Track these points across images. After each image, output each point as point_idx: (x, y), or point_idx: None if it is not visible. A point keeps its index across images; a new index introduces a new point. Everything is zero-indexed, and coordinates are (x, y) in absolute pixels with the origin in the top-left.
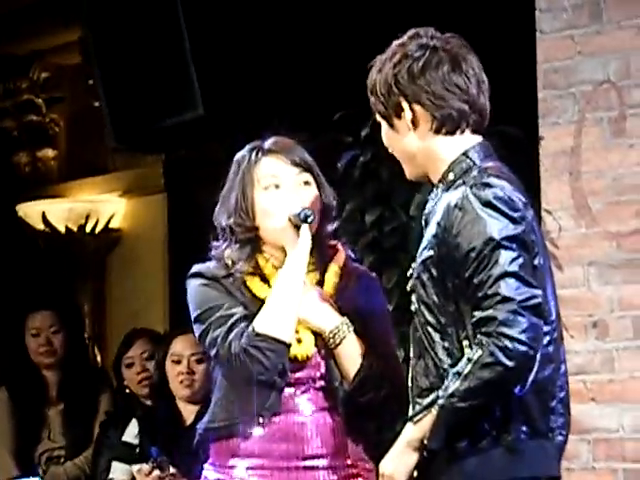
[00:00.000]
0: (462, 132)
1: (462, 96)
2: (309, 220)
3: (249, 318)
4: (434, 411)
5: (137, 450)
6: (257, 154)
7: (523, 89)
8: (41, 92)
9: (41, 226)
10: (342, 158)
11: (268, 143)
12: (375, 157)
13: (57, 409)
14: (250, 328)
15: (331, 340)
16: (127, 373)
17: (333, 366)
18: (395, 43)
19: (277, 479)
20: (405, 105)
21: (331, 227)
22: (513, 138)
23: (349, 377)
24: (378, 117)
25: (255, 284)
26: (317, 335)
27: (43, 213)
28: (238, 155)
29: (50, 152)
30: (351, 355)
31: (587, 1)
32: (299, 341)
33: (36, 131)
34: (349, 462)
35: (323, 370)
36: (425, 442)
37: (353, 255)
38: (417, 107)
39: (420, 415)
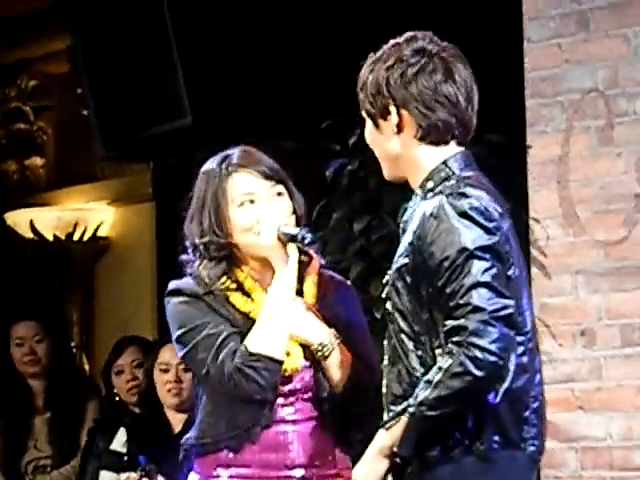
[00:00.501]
0: (446, 143)
1: (450, 108)
2: (306, 242)
3: (236, 335)
4: (404, 419)
5: (125, 458)
6: (227, 168)
7: (511, 97)
8: (29, 100)
9: (29, 234)
10: (330, 166)
11: (237, 157)
12: (363, 165)
13: (43, 418)
14: (243, 347)
15: (319, 353)
16: (117, 381)
17: (321, 377)
18: (391, 43)
19: None
20: (393, 109)
21: (315, 242)
22: (501, 146)
23: (339, 387)
24: (364, 114)
25: (238, 299)
26: (305, 347)
27: (31, 221)
28: (205, 168)
29: (38, 160)
30: (340, 366)
31: (574, 10)
32: (288, 354)
33: (24, 139)
34: (335, 471)
35: (310, 381)
36: (395, 449)
37: (323, 261)
38: (404, 113)
39: (391, 422)
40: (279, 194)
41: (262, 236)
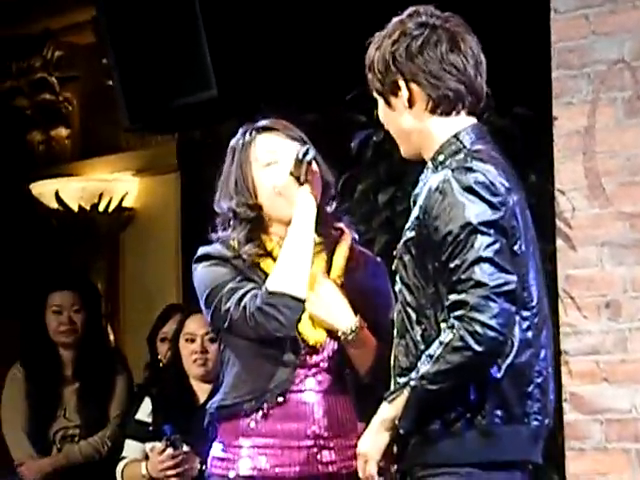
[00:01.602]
0: (457, 113)
1: (459, 76)
2: (308, 157)
3: (259, 291)
4: (406, 392)
5: (150, 428)
6: (251, 133)
7: (537, 69)
8: (55, 71)
9: (54, 205)
10: (355, 138)
11: (262, 122)
12: (388, 137)
13: (72, 388)
14: (263, 288)
15: (343, 337)
16: (162, 347)
17: (344, 352)
18: (394, 20)
19: (284, 458)
20: (402, 84)
21: (331, 206)
22: (527, 118)
23: (363, 369)
24: (375, 94)
25: (267, 265)
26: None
27: (56, 192)
28: (232, 141)
29: (63, 131)
30: (364, 352)
31: None
32: (314, 327)
33: (50, 110)
34: (355, 442)
35: (334, 355)
36: (397, 422)
37: (357, 237)
38: (414, 86)
39: (394, 395)
40: None
41: (277, 180)
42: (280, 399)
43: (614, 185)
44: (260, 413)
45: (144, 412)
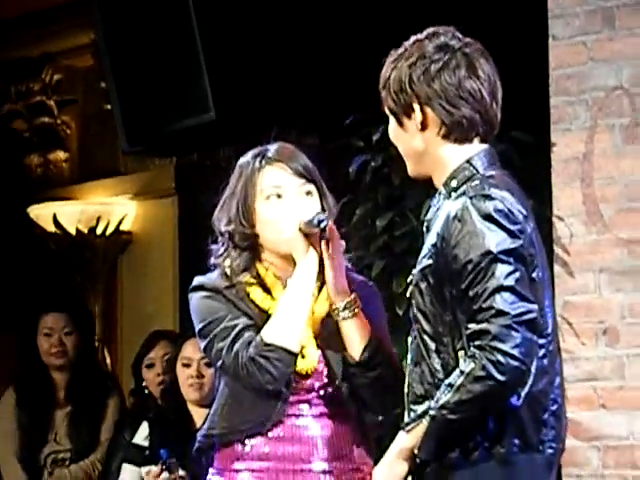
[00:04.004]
0: (470, 141)
1: (474, 104)
2: (322, 225)
3: (253, 328)
4: (425, 422)
5: (147, 452)
6: (261, 162)
7: (535, 95)
8: (53, 94)
9: (52, 228)
10: (353, 163)
11: (272, 151)
12: (386, 162)
13: (64, 411)
14: (258, 338)
15: (339, 314)
16: (147, 374)
17: (334, 373)
18: (412, 39)
19: None
20: (416, 106)
21: (331, 224)
22: (525, 144)
23: (356, 352)
24: (387, 111)
25: (257, 295)
26: (322, 348)
27: (54, 215)
28: (241, 160)
29: (61, 154)
30: (358, 331)
31: (600, 7)
32: (303, 356)
33: (48, 133)
34: (353, 466)
35: (326, 379)
36: (415, 452)
37: (350, 265)
38: (428, 110)
39: (412, 424)
40: (308, 193)
41: (284, 231)
42: (270, 426)
43: (612, 211)
44: (256, 437)
45: (141, 436)
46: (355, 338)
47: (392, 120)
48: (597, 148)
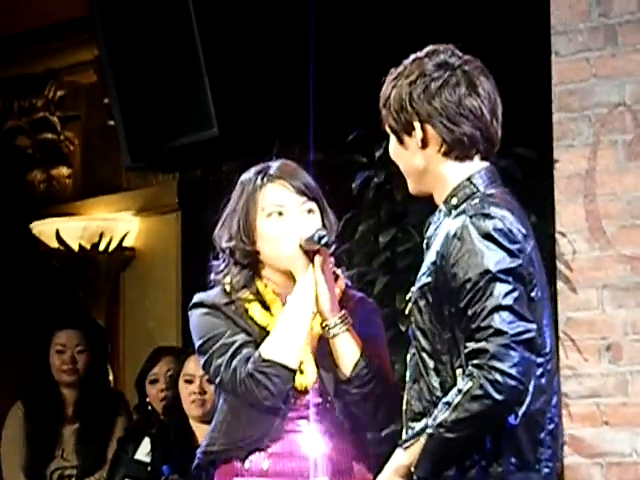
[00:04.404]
0: (471, 159)
1: (475, 122)
2: (323, 241)
3: (251, 344)
4: (422, 439)
5: (149, 468)
6: (262, 179)
7: (538, 111)
8: (56, 110)
9: (55, 244)
10: (356, 179)
11: (274, 168)
12: (389, 178)
13: (72, 428)
14: (257, 353)
15: (330, 330)
16: (150, 390)
17: (332, 389)
18: (412, 57)
19: None
20: (417, 124)
21: (332, 241)
22: (528, 160)
23: (347, 368)
24: (387, 130)
25: (256, 311)
26: (317, 365)
27: (57, 231)
28: (243, 177)
29: (65, 170)
30: (350, 347)
31: (602, 24)
32: (301, 372)
33: (51, 149)
34: None
35: (323, 395)
36: (412, 470)
37: (350, 283)
38: (429, 127)
39: (410, 442)
40: (310, 211)
41: (284, 248)
42: (268, 443)
43: (615, 228)
44: (255, 454)
45: (143, 452)
46: (345, 355)
47: (392, 138)
48: (600, 164)
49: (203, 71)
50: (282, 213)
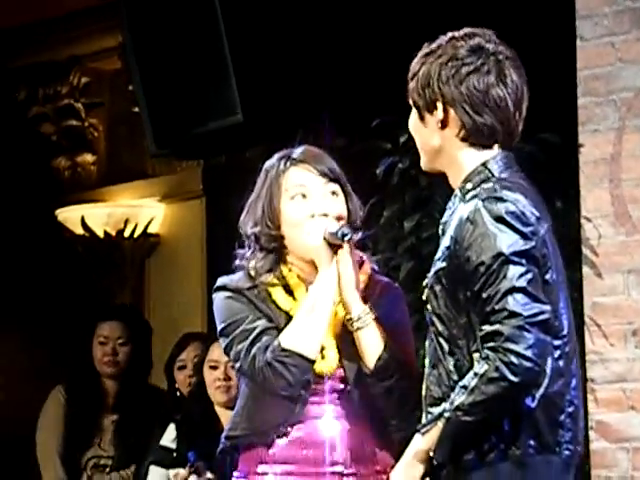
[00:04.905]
0: (490, 148)
1: (498, 113)
2: (346, 238)
3: (272, 330)
4: (440, 424)
5: (174, 454)
6: (285, 163)
7: (563, 96)
8: (81, 97)
9: (80, 231)
10: (381, 165)
11: (297, 152)
12: (414, 164)
13: (112, 419)
14: (276, 342)
15: (354, 324)
16: (179, 375)
17: (354, 376)
18: (448, 36)
19: None
20: (440, 105)
21: (355, 239)
22: (553, 145)
23: (370, 362)
24: (410, 102)
25: (279, 296)
26: (340, 351)
27: (82, 218)
28: (267, 164)
29: (89, 157)
30: (374, 340)
31: (628, 7)
32: (323, 357)
33: (75, 136)
34: (378, 468)
35: (345, 382)
36: (431, 454)
37: (377, 267)
38: (451, 110)
39: (428, 427)
40: (333, 193)
41: (309, 236)
42: (292, 428)
43: None
44: (280, 440)
45: (168, 438)
46: (369, 348)
47: (414, 112)
48: (625, 149)
49: (227, 57)
50: (305, 195)
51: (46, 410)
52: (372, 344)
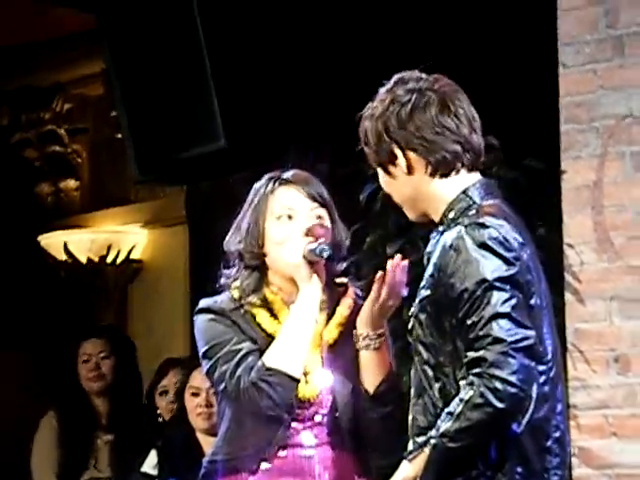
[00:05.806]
0: (457, 172)
1: (453, 137)
2: (325, 255)
3: (257, 352)
4: (427, 450)
5: None
6: (274, 183)
7: (546, 123)
8: (64, 123)
9: (63, 256)
10: (364, 190)
11: (287, 174)
12: None
13: (106, 439)
14: (260, 362)
15: (364, 343)
16: (160, 402)
17: (338, 401)
18: (382, 90)
19: None
20: (398, 152)
21: (340, 266)
22: (535, 171)
23: (372, 385)
24: (374, 165)
25: (264, 319)
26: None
27: (65, 243)
28: (256, 184)
29: (72, 183)
30: (379, 363)
31: (610, 35)
32: (306, 382)
33: (59, 162)
34: None
35: (328, 407)
36: None
37: (360, 293)
38: (410, 153)
39: (414, 453)
40: (319, 217)
41: (289, 253)
42: (275, 454)
43: (623, 239)
44: (257, 468)
45: (150, 464)
46: (372, 370)
47: (381, 172)
48: (607, 176)
49: (210, 84)
50: (292, 217)
51: (40, 434)
52: (376, 367)
